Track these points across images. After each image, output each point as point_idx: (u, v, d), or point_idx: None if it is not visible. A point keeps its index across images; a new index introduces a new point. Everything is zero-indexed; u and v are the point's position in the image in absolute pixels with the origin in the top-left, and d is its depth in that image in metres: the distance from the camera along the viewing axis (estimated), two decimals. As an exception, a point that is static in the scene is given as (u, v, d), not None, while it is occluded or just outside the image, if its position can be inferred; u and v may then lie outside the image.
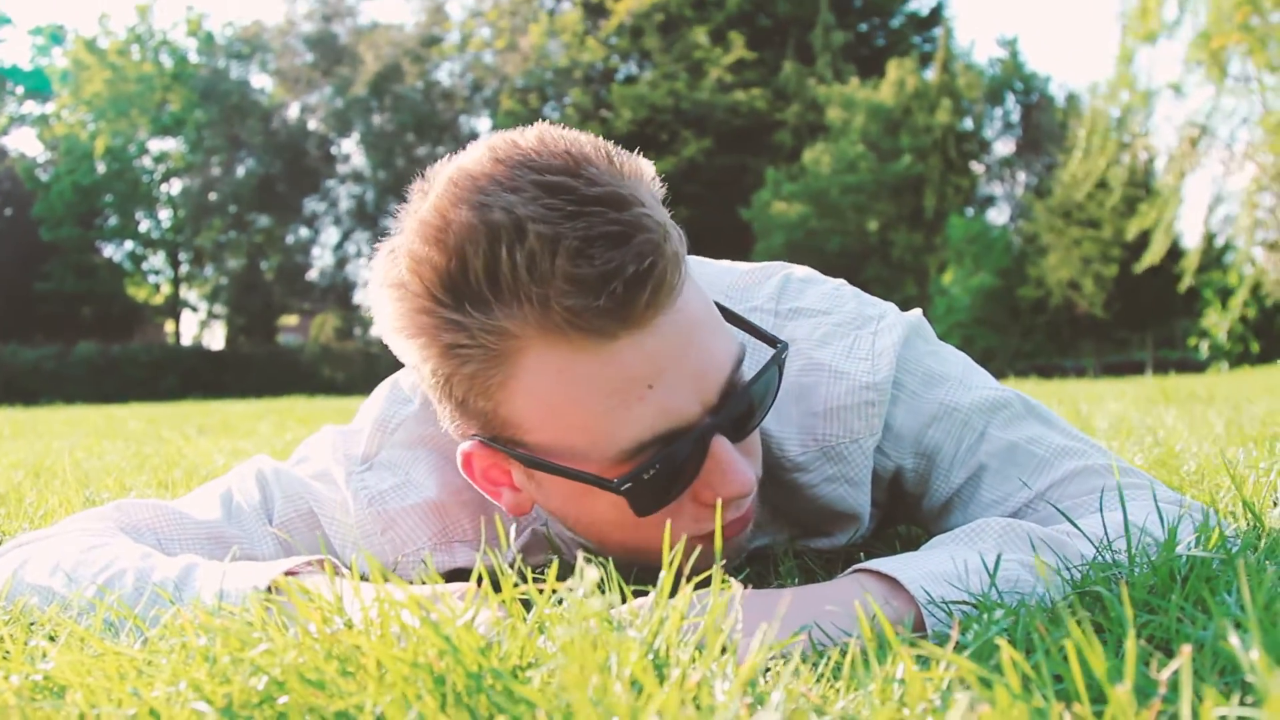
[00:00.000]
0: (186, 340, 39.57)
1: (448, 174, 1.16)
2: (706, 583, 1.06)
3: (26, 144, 44.84)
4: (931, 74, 34.67)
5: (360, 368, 30.51)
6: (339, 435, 1.48)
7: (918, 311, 1.51)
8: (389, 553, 1.40)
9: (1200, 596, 1.00)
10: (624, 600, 1.07)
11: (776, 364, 1.22)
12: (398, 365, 1.40)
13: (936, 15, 32.19)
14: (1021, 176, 40.78)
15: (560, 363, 1.11)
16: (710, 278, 1.48)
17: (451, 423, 1.22)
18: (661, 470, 1.16)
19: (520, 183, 1.09)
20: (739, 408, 1.18)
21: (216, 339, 40.41)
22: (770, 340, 1.26)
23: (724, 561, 1.27)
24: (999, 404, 1.42)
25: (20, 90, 39.60)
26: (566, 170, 1.10)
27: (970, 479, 1.40)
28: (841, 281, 1.51)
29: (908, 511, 1.52)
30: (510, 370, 1.13)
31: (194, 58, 38.72)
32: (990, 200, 40.59)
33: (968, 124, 36.22)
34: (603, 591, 0.79)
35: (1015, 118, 40.97)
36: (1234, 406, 5.03)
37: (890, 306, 1.48)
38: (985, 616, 0.91)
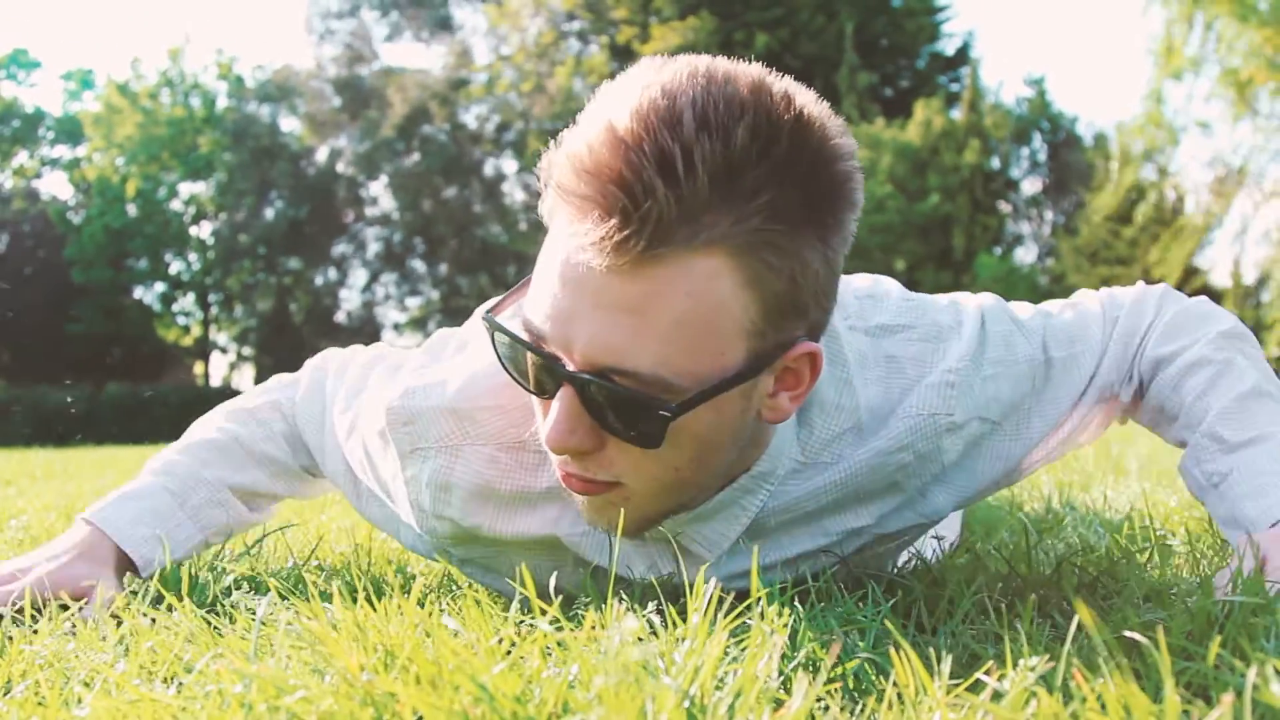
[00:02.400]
0: (216, 381, 39.72)
1: None
2: (740, 625, 1.06)
3: (58, 187, 45.13)
4: (958, 114, 34.67)
5: (388, 408, 30.53)
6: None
7: (990, 298, 1.55)
8: (405, 443, 1.42)
9: (1239, 644, 1.00)
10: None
11: (654, 420, 1.13)
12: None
13: (963, 55, 32.24)
14: (1049, 215, 40.67)
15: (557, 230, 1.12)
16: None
17: None
18: (508, 355, 1.19)
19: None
20: (591, 391, 1.13)
21: (245, 380, 40.53)
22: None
23: (598, 525, 1.28)
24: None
25: (51, 134, 39.93)
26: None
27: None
28: (896, 285, 1.55)
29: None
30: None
31: (224, 101, 39.00)
32: (1018, 239, 40.49)
33: (995, 163, 36.16)
34: (641, 639, 0.79)
35: (1043, 157, 40.91)
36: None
37: (962, 306, 1.52)
38: (1021, 663, 0.90)
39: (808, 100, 1.10)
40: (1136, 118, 23.89)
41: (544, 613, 1.01)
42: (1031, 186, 40.86)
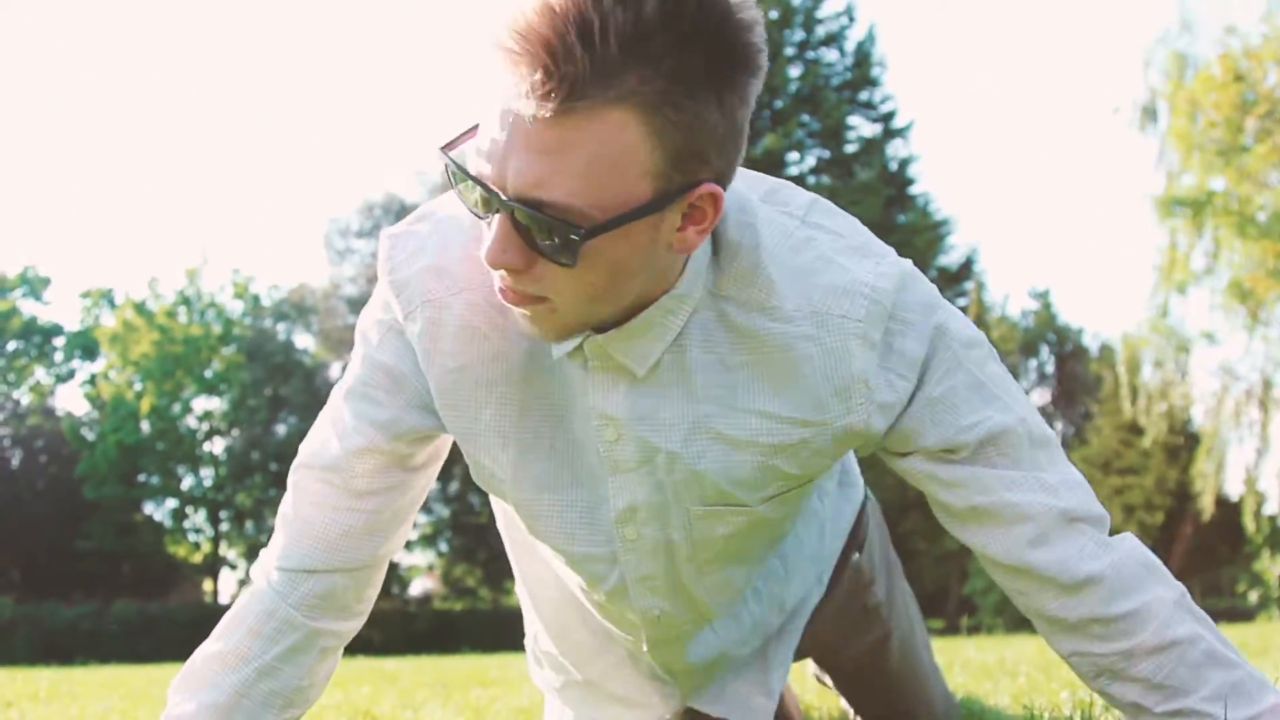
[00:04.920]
0: (225, 598, 39.38)
1: None
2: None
3: (73, 403, 45.48)
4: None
5: (397, 627, 30.20)
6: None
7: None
8: (401, 310, 1.59)
9: None
10: None
11: (568, 242, 1.31)
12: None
13: (968, 269, 32.65)
14: (1059, 426, 40.77)
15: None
16: (755, 177, 1.61)
17: None
18: (459, 185, 1.36)
19: None
20: (518, 216, 1.31)
21: (254, 597, 40.15)
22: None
23: (534, 335, 1.47)
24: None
25: (68, 350, 40.45)
26: None
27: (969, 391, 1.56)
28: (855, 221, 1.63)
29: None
30: None
31: (240, 319, 39.58)
32: (1029, 450, 40.43)
33: (1003, 375, 36.35)
34: None
35: (1050, 369, 41.24)
36: (1289, 658, 4.91)
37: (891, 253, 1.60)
38: None
39: None
40: (1142, 329, 24.11)
41: None
42: (1040, 398, 41.08)
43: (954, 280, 32.02)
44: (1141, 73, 22.38)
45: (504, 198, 1.30)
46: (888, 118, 31.78)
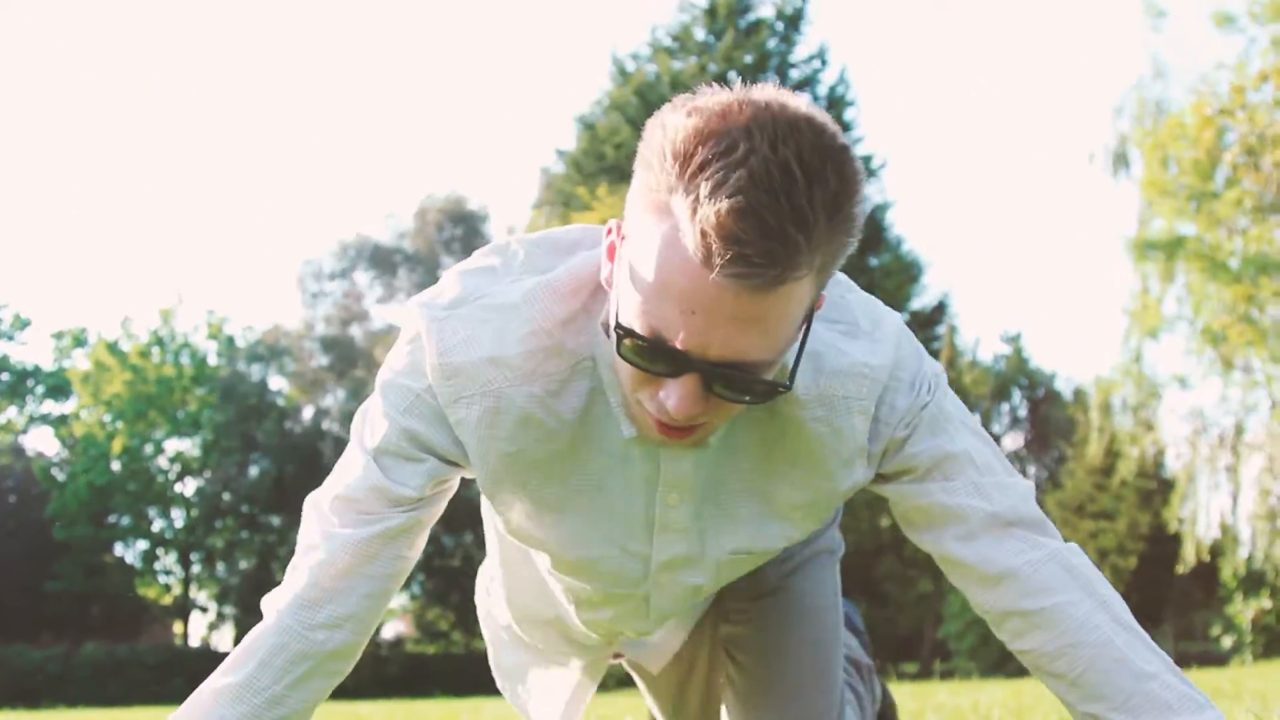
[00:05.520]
0: (194, 641, 39.08)
1: None
2: None
3: (44, 443, 45.18)
4: (940, 372, 35.03)
5: (370, 670, 29.97)
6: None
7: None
8: (450, 394, 1.65)
9: None
10: None
11: (773, 393, 1.48)
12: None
13: (941, 312, 32.75)
14: (1033, 470, 40.86)
15: (673, 233, 1.36)
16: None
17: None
18: (643, 347, 1.42)
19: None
20: (729, 390, 1.45)
21: (225, 641, 39.86)
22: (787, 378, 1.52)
23: (682, 439, 1.55)
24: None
25: (40, 390, 40.23)
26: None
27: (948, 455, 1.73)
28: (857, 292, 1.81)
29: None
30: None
31: (214, 360, 39.43)
32: (1002, 494, 40.49)
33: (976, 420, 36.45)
34: None
35: (1023, 413, 41.30)
36: (1263, 703, 4.91)
37: (881, 315, 1.77)
38: None
39: (822, 114, 1.41)
40: (1115, 373, 24.19)
41: None
42: (1013, 442, 41.15)
43: (927, 323, 32.15)
44: (1112, 119, 22.52)
45: (708, 363, 1.41)
46: (862, 161, 31.92)
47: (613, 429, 1.69)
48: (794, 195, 1.30)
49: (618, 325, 1.45)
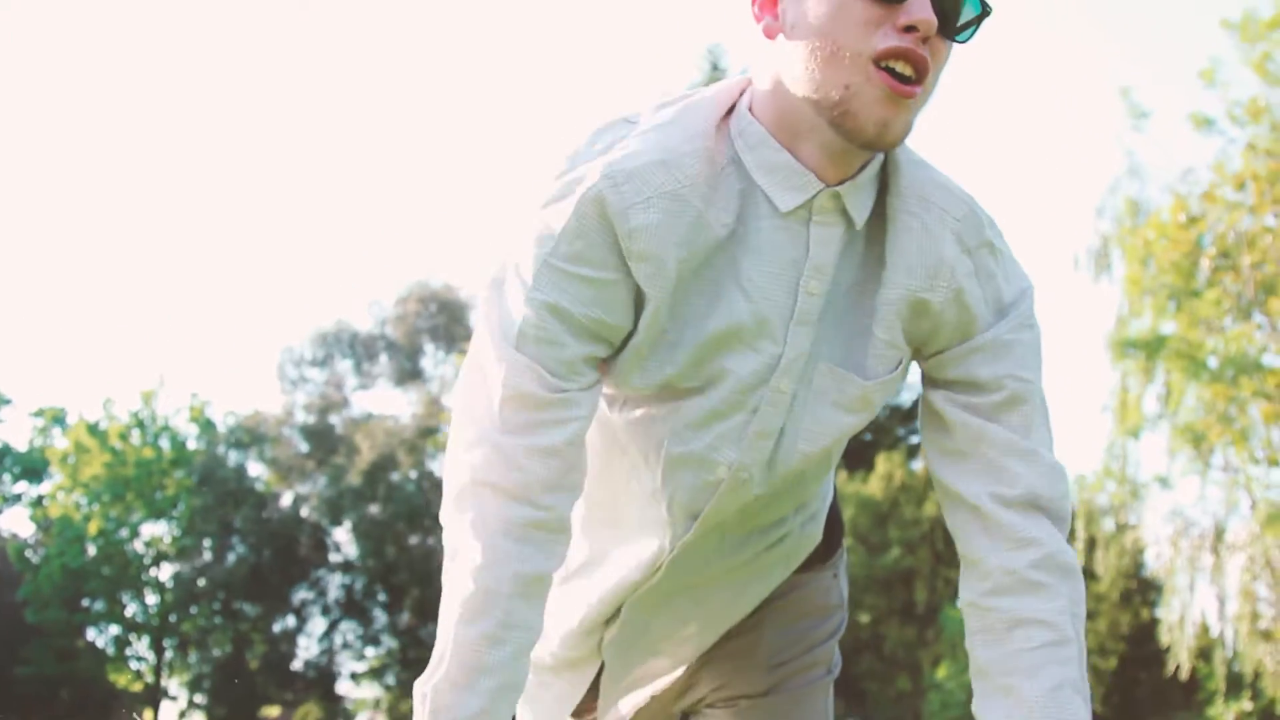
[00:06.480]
0: (164, 731, 38.49)
1: None
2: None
3: (18, 524, 44.81)
4: (919, 465, 35.09)
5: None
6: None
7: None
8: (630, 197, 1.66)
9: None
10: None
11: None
12: None
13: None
14: (1012, 571, 40.64)
15: None
16: None
17: None
18: None
19: None
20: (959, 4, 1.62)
21: (194, 730, 39.31)
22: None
23: (884, 120, 1.61)
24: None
25: (16, 470, 39.95)
26: None
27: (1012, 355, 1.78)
28: None
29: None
30: None
31: (193, 444, 39.22)
32: (982, 594, 40.29)
33: (957, 517, 36.28)
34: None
35: (1003, 512, 41.18)
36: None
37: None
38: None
39: None
40: (1096, 473, 24.25)
41: None
42: (994, 542, 40.96)
43: (908, 418, 32.25)
44: (1094, 219, 22.76)
45: None
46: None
47: (766, 226, 1.72)
48: None
49: None
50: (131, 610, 37.66)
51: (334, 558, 40.33)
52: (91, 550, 36.52)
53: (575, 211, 1.65)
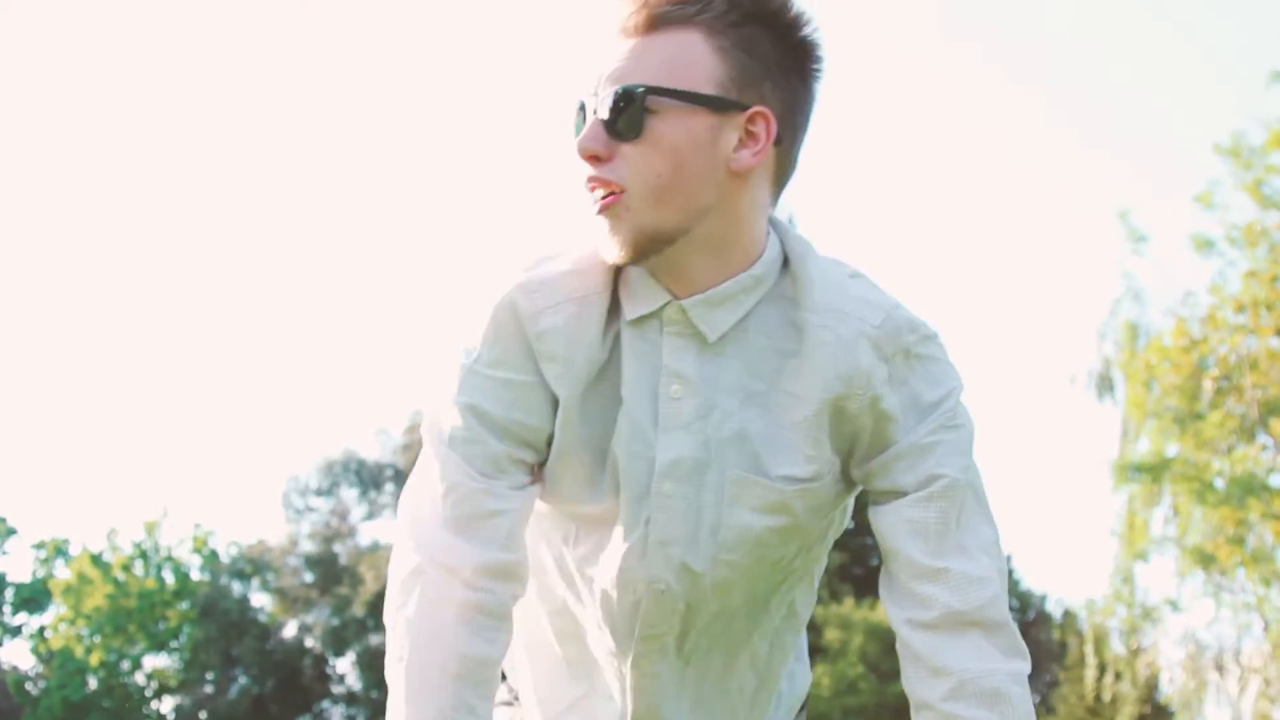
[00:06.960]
0: None
1: None
2: None
3: (19, 656, 44.46)
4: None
5: None
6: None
7: None
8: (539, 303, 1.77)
9: None
10: None
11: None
12: None
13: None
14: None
15: None
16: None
17: None
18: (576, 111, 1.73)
19: None
20: (606, 101, 1.65)
21: None
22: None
23: (613, 245, 1.70)
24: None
25: (17, 601, 39.65)
26: None
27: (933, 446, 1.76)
28: None
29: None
30: None
31: (196, 575, 39.01)
32: None
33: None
34: None
35: (1014, 638, 40.75)
36: None
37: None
38: None
39: None
40: (1106, 597, 24.04)
41: None
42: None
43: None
44: (1096, 343, 22.78)
45: (593, 92, 1.67)
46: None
47: (631, 334, 1.80)
48: None
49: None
50: (132, 745, 37.20)
51: (337, 689, 39.91)
52: (93, 682, 36.16)
53: (492, 318, 1.78)
